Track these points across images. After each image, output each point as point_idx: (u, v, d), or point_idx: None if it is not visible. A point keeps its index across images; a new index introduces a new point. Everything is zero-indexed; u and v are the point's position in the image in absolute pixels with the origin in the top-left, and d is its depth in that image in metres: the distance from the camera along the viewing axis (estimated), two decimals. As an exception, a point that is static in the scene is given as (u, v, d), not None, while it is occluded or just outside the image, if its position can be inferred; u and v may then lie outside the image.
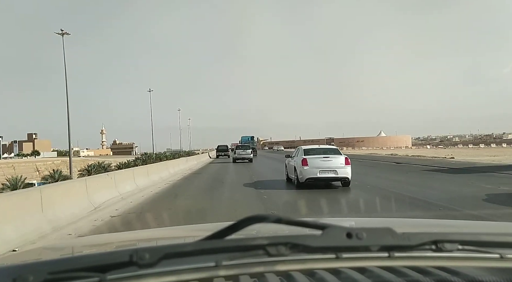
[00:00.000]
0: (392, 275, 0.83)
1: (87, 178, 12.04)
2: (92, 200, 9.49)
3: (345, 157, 12.62)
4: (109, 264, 0.79)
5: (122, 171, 16.18)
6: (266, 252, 0.82)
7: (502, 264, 0.92)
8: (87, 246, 1.69)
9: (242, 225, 0.88)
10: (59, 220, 7.51)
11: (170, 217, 8.31)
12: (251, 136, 63.04)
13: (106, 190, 10.77)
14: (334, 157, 12.55)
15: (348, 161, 12.47)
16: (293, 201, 10.34)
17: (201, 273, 0.86)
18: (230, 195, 11.87)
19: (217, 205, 9.98)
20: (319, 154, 12.95)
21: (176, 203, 10.60)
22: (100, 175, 13.28)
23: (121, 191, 11.75)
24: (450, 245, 0.89)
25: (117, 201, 10.73)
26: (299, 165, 12.56)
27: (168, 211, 9.19)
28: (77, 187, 9.43)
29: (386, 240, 0.87)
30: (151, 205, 10.46)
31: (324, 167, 12.21)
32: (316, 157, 12.52)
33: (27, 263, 0.95)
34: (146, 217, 8.54)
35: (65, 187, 9.30)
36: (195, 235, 1.60)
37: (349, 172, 12.33)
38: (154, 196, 12.25)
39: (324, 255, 0.90)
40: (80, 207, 8.79)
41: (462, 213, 7.70)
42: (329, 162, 12.32)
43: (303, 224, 0.91)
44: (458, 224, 2.12)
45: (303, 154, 12.96)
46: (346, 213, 8.07)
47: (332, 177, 12.30)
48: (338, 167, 12.27)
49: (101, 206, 9.66)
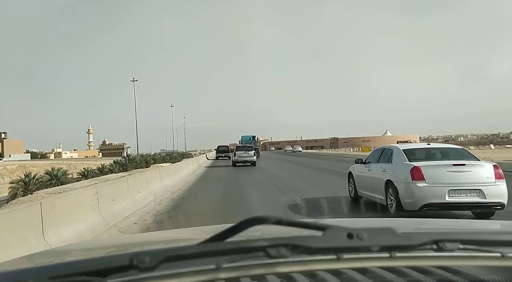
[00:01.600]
0: (393, 275, 0.83)
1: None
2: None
3: (494, 165, 7.23)
4: (109, 268, 0.78)
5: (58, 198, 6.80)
6: (266, 254, 0.82)
7: (504, 263, 0.92)
8: (87, 250, 1.68)
9: (242, 227, 0.88)
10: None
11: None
12: (252, 135, 56.32)
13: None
14: (472, 165, 7.18)
15: (499, 172, 7.09)
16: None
17: (201, 275, 0.86)
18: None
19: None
20: (436, 158, 7.83)
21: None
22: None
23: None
24: (451, 244, 0.89)
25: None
26: (402, 179, 7.24)
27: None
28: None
29: (387, 240, 0.87)
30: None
31: (456, 184, 6.89)
32: (438, 165, 7.29)
33: (27, 268, 0.95)
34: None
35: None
36: (196, 237, 1.60)
37: (505, 193, 6.89)
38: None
39: (325, 256, 0.90)
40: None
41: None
42: (465, 175, 6.97)
43: (304, 225, 0.91)
44: (459, 224, 2.12)
45: (407, 157, 7.58)
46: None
47: (475, 203, 6.88)
48: (484, 183, 6.88)
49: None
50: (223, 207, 9.90)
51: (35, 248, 4.66)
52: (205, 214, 8.88)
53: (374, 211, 8.08)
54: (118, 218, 8.08)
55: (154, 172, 14.08)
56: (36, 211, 5.29)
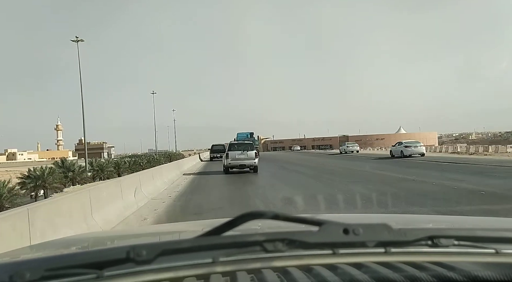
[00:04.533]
0: (388, 270, 0.84)
1: None
2: None
3: None
4: (106, 261, 0.79)
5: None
6: (263, 248, 0.83)
7: (498, 259, 0.92)
8: (85, 243, 1.69)
9: (239, 221, 0.88)
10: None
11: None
12: (249, 132, 46.45)
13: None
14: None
15: None
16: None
17: (198, 269, 0.86)
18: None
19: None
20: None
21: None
22: None
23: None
24: (446, 240, 0.90)
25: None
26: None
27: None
28: None
29: (382, 236, 0.87)
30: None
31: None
32: None
33: (24, 260, 0.95)
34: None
35: None
36: (193, 231, 1.60)
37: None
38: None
39: (321, 251, 0.90)
40: None
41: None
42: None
43: (300, 220, 0.92)
44: (454, 220, 2.14)
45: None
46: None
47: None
48: None
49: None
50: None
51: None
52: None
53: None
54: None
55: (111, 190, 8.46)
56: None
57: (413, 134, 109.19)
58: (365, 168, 20.25)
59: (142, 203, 10.26)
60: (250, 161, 19.20)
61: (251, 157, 19.21)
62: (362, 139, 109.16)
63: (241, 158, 19.27)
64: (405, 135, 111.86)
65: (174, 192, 13.07)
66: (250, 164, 19.21)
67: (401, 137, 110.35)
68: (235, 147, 19.82)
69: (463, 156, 30.33)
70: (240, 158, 19.27)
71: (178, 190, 13.69)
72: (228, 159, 19.45)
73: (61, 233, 6.00)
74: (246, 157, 19.26)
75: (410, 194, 10.13)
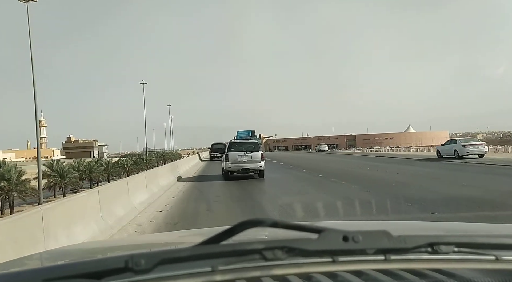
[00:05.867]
0: (388, 278, 0.84)
1: None
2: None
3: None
4: (104, 270, 0.78)
5: None
6: (262, 256, 0.82)
7: (498, 266, 0.92)
8: (83, 252, 1.68)
9: (238, 230, 0.88)
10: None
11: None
12: (251, 130, 40.63)
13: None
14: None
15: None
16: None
17: (197, 278, 0.86)
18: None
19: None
20: None
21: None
22: None
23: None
24: (445, 247, 0.90)
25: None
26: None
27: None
28: None
29: (382, 243, 0.87)
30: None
31: None
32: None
33: (21, 270, 0.94)
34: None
35: None
36: (191, 240, 1.59)
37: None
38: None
39: (320, 259, 0.90)
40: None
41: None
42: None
43: (299, 227, 0.91)
44: (454, 226, 2.13)
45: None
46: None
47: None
48: None
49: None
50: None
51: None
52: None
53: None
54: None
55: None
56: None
57: (424, 133, 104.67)
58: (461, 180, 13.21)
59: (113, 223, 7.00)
60: (255, 164, 15.27)
61: (256, 159, 15.26)
62: (370, 138, 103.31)
63: (244, 161, 15.36)
64: (415, 134, 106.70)
65: (154, 219, 8.30)
66: (255, 167, 15.32)
67: (411, 136, 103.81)
68: (237, 147, 15.96)
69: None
70: (243, 161, 15.36)
71: (163, 212, 9.12)
72: (228, 162, 15.53)
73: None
74: (250, 159, 15.34)
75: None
